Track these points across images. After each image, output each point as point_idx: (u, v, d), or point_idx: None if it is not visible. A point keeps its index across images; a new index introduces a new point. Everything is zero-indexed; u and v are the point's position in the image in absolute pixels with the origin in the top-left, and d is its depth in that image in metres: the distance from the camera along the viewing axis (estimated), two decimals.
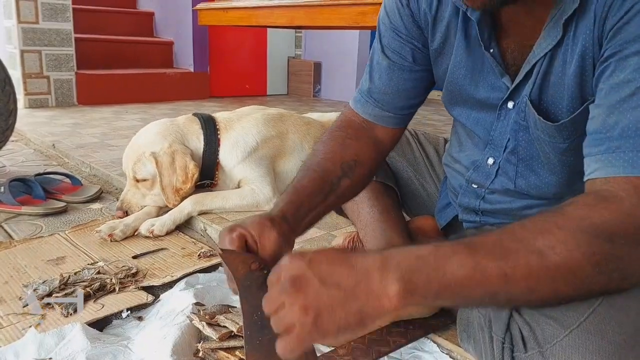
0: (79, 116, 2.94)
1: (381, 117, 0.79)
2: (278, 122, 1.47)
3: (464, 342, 0.69)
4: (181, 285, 0.99)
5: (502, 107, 0.68)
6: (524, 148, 0.69)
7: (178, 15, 3.95)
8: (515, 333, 0.58)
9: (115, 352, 0.79)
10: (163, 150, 1.31)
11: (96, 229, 1.24)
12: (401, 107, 0.79)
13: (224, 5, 2.18)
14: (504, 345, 0.58)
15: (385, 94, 0.78)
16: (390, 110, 0.79)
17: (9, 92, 1.68)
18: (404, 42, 0.75)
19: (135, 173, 1.34)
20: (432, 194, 1.00)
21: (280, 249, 0.63)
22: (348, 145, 0.77)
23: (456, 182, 0.83)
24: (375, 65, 0.79)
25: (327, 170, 0.75)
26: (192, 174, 1.30)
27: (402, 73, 0.76)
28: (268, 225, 0.63)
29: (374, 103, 0.79)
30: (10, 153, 2.11)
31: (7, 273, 1.05)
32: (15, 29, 3.12)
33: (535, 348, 0.56)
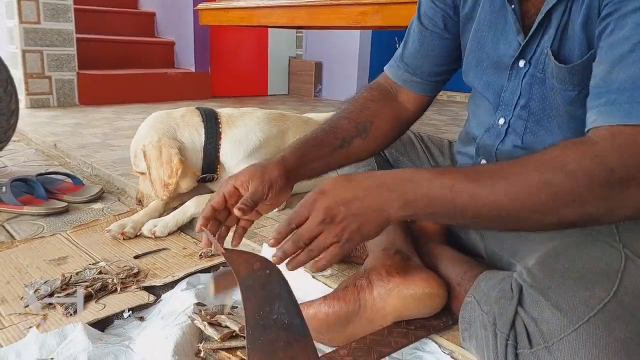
0: (80, 116, 2.94)
1: (409, 81, 0.86)
2: (279, 121, 1.46)
3: (466, 341, 0.69)
4: (182, 285, 0.99)
5: (513, 67, 0.72)
6: (537, 102, 0.71)
7: (179, 15, 3.95)
8: (520, 329, 0.58)
9: (117, 353, 0.79)
10: (152, 143, 1.30)
11: (106, 229, 1.25)
12: (428, 73, 0.85)
13: (224, 5, 2.18)
14: (508, 342, 0.59)
15: (415, 58, 0.85)
16: (418, 75, 0.85)
17: (11, 92, 1.68)
18: (437, 8, 0.81)
19: (136, 166, 1.36)
20: None
21: (271, 191, 0.71)
22: (368, 107, 0.84)
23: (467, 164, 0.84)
24: (411, 32, 0.86)
25: (340, 126, 0.82)
26: (176, 169, 1.27)
27: (432, 39, 0.83)
28: (258, 172, 0.71)
29: (404, 67, 0.86)
30: (12, 153, 2.11)
31: (9, 273, 1.05)
32: (17, 29, 3.13)
33: (541, 343, 0.56)
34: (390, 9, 1.42)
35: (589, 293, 0.56)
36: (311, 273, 0.99)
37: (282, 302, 0.70)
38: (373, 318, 0.76)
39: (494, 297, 0.64)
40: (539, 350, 0.56)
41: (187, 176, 1.36)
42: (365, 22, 1.52)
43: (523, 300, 0.60)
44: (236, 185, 0.72)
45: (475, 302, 0.67)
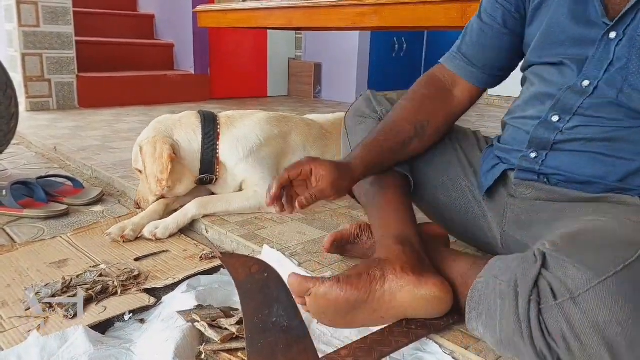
0: (80, 119, 2.95)
1: (465, 70, 0.91)
2: (281, 122, 1.47)
3: (472, 322, 0.70)
4: (183, 287, 0.99)
5: (602, 40, 0.74)
6: (635, 62, 0.72)
7: (178, 17, 3.95)
8: (543, 287, 0.60)
9: (118, 355, 0.79)
10: (148, 140, 1.32)
11: (106, 232, 1.25)
12: (483, 65, 0.90)
13: (223, 7, 2.18)
14: (531, 298, 0.60)
15: (473, 49, 0.90)
16: (474, 65, 0.90)
17: (11, 95, 1.69)
18: (498, 5, 0.87)
19: (135, 163, 1.38)
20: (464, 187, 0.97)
21: (335, 196, 0.82)
22: (426, 106, 0.91)
23: (522, 130, 0.85)
24: (469, 28, 0.92)
25: (401, 129, 0.90)
26: (166, 164, 1.28)
27: (491, 33, 0.88)
28: (333, 175, 0.82)
29: (461, 57, 0.91)
30: (12, 156, 2.12)
31: (10, 276, 1.05)
32: (16, 32, 3.13)
33: (566, 295, 0.58)
34: (388, 9, 1.42)
35: (614, 255, 0.58)
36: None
37: (281, 305, 0.70)
38: (378, 309, 0.76)
39: (515, 266, 0.64)
40: (564, 301, 0.58)
41: (185, 177, 1.36)
42: (363, 23, 1.52)
43: (547, 263, 0.61)
44: (312, 172, 0.82)
45: (490, 277, 0.67)
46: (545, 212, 0.81)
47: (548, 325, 0.59)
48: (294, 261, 1.05)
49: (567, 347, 0.57)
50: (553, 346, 0.58)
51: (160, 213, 1.34)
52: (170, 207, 1.39)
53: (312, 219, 1.32)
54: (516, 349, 0.63)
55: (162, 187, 1.29)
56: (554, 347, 0.58)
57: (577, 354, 0.57)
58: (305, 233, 1.21)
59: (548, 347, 0.59)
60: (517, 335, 0.61)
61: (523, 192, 0.84)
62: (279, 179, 0.81)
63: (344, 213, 1.38)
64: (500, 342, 0.65)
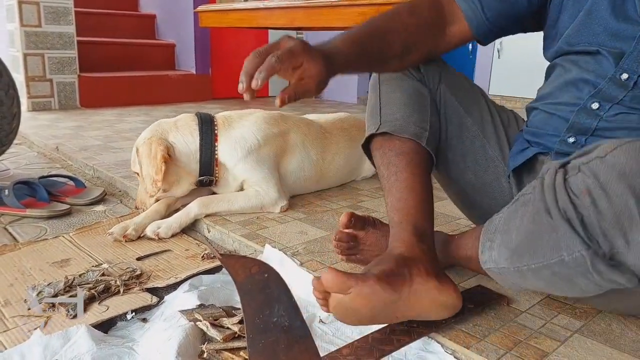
0: (81, 119, 2.95)
1: (475, 13, 0.86)
2: (279, 121, 1.47)
3: (486, 252, 0.71)
4: (185, 286, 1.00)
5: (637, 40, 0.74)
6: None
7: (179, 17, 3.96)
8: (571, 164, 0.62)
9: (120, 354, 0.79)
10: (144, 141, 1.33)
11: (108, 232, 1.25)
12: (495, 16, 0.86)
13: (224, 7, 2.19)
14: (558, 170, 0.62)
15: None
16: (485, 12, 0.86)
17: (13, 95, 1.69)
18: None
19: (133, 165, 1.38)
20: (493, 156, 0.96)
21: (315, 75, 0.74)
22: (422, 28, 0.86)
23: (556, 115, 0.84)
24: None
25: (388, 41, 0.84)
26: (160, 165, 1.29)
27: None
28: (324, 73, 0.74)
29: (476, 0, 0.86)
30: (14, 156, 2.12)
31: (12, 275, 1.06)
32: (18, 32, 3.14)
33: (592, 158, 0.60)
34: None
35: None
36: (314, 274, 1.00)
37: (282, 305, 0.70)
38: (399, 309, 0.74)
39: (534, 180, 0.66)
40: (591, 161, 0.59)
41: (182, 179, 1.37)
42: None
43: (578, 155, 0.63)
44: (303, 65, 0.73)
45: (515, 202, 0.69)
46: None
47: (573, 186, 0.60)
48: (296, 261, 1.05)
49: (592, 201, 0.58)
50: (578, 204, 0.59)
51: (162, 213, 1.35)
52: (172, 207, 1.39)
53: (314, 219, 1.32)
54: (534, 245, 0.64)
55: (157, 187, 1.30)
56: (579, 206, 0.59)
57: (601, 205, 0.58)
58: (306, 233, 1.22)
59: (573, 206, 0.59)
60: (540, 220, 0.62)
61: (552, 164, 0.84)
62: (269, 68, 0.71)
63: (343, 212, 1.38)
64: (516, 249, 0.66)
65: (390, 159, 0.87)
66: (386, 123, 0.89)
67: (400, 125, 0.88)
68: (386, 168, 0.88)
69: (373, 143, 0.93)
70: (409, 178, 0.85)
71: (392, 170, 0.86)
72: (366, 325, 0.79)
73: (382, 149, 0.89)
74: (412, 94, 0.91)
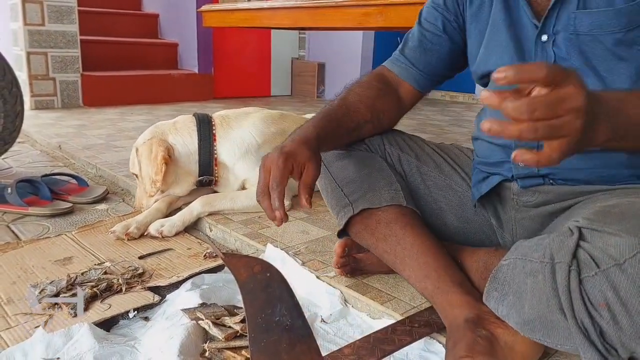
0: (84, 117, 2.96)
1: (408, 72, 0.93)
2: (278, 120, 1.47)
3: (492, 301, 0.67)
4: (187, 285, 1.00)
5: (537, 43, 0.76)
6: (576, 58, 0.73)
7: (182, 17, 3.96)
8: (583, 257, 0.58)
9: (123, 352, 0.79)
10: (144, 142, 1.34)
11: (110, 230, 1.25)
12: (424, 68, 0.93)
13: (228, 7, 2.19)
14: (571, 268, 0.58)
15: (415, 52, 0.93)
16: (417, 67, 0.93)
17: (16, 94, 1.69)
18: (438, 13, 0.91)
19: (132, 166, 1.39)
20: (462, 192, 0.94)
21: (309, 163, 0.76)
22: (382, 98, 0.92)
23: (497, 144, 0.84)
24: (410, 34, 0.95)
25: (358, 110, 0.89)
26: (160, 166, 1.30)
27: (431, 37, 0.91)
28: (306, 149, 0.77)
29: (404, 60, 0.94)
30: (17, 154, 2.13)
31: (15, 273, 1.06)
32: (21, 31, 3.14)
33: (610, 262, 0.56)
34: (393, 10, 1.42)
35: None
36: (315, 274, 1.00)
37: (284, 304, 0.70)
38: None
39: (548, 242, 0.62)
40: (609, 268, 0.56)
41: (182, 179, 1.37)
42: (368, 23, 1.52)
43: (584, 236, 0.59)
44: (295, 168, 0.76)
45: (518, 258, 0.65)
46: (559, 213, 0.79)
47: (590, 296, 0.56)
48: (298, 260, 1.05)
49: (611, 316, 0.55)
50: (596, 317, 0.56)
51: (163, 211, 1.35)
52: (173, 206, 1.39)
53: (315, 218, 1.32)
54: (548, 328, 0.60)
55: (156, 188, 1.31)
56: (597, 318, 0.56)
57: (622, 321, 0.55)
58: (308, 232, 1.22)
59: (590, 318, 0.57)
60: (553, 311, 0.59)
61: (528, 200, 0.82)
62: (279, 195, 0.73)
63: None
64: (529, 322, 0.62)
65: (383, 233, 0.85)
66: (358, 201, 0.87)
67: (373, 197, 0.86)
68: (384, 243, 0.85)
69: (351, 226, 0.89)
70: (415, 242, 0.82)
71: (392, 242, 0.83)
72: None
73: (368, 227, 0.86)
74: (366, 164, 0.90)
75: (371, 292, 0.92)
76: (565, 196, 0.78)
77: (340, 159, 0.92)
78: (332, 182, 0.92)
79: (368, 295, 0.91)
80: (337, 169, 0.92)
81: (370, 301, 0.89)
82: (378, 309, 0.88)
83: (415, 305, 0.87)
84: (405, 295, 0.91)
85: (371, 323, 0.88)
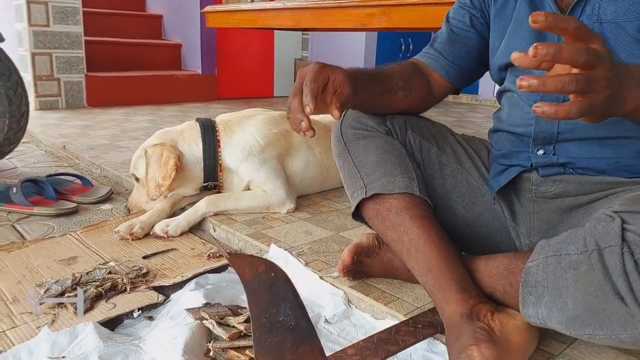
0: (89, 118, 2.97)
1: (438, 62, 0.96)
2: (280, 121, 1.48)
3: (530, 307, 0.66)
4: (191, 285, 1.00)
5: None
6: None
7: (186, 18, 3.97)
8: (632, 238, 0.58)
9: (127, 352, 0.80)
10: (155, 146, 1.34)
11: (114, 230, 1.26)
12: (454, 58, 0.95)
13: (231, 7, 2.19)
14: (624, 250, 0.57)
15: (444, 45, 0.96)
16: (446, 57, 0.95)
17: (21, 94, 1.70)
18: (465, 11, 0.95)
19: (132, 172, 1.38)
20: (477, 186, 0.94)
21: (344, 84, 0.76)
22: (414, 75, 0.94)
23: (516, 133, 0.86)
24: (438, 33, 0.98)
25: (393, 77, 0.91)
26: (170, 171, 1.31)
27: (460, 32, 0.95)
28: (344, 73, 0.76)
29: (433, 51, 0.97)
30: (22, 154, 2.14)
31: (20, 273, 1.07)
32: (26, 31, 3.16)
33: None
34: (396, 11, 1.42)
35: None
36: (319, 274, 1.00)
37: (288, 304, 0.70)
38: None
39: (584, 233, 0.62)
40: None
41: (185, 185, 1.39)
42: (371, 24, 1.53)
43: (625, 220, 0.59)
44: (330, 78, 0.74)
45: (549, 256, 0.64)
46: (578, 207, 0.79)
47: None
48: (301, 260, 1.05)
49: None
50: None
51: (167, 212, 1.36)
52: (177, 206, 1.40)
53: (319, 219, 1.33)
54: (600, 319, 0.59)
55: (160, 192, 1.32)
56: None
57: None
58: (311, 233, 1.22)
59: None
60: (607, 299, 0.58)
61: (547, 190, 0.83)
62: (310, 92, 0.70)
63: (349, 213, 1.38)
64: (575, 318, 0.61)
65: (393, 221, 0.84)
66: (372, 185, 0.86)
67: (388, 183, 0.85)
68: (392, 231, 0.84)
69: (364, 209, 0.89)
70: (422, 234, 0.81)
71: (401, 231, 0.83)
72: None
73: (379, 214, 0.86)
74: (386, 149, 0.89)
75: (374, 292, 0.92)
76: (585, 187, 0.79)
77: (361, 139, 0.91)
78: (350, 162, 0.91)
79: (371, 296, 0.91)
80: (357, 150, 0.91)
81: (374, 302, 0.89)
82: (381, 309, 0.88)
83: (419, 306, 0.87)
84: (408, 296, 0.91)
85: (374, 324, 0.88)
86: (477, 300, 0.73)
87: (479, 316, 0.71)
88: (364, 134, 0.91)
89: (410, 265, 0.83)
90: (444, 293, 0.76)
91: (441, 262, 0.78)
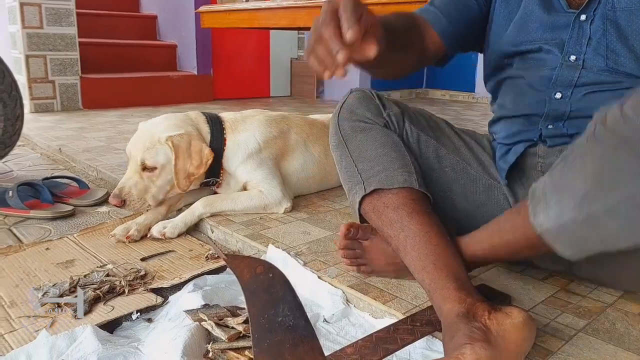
0: (84, 120, 2.96)
1: (435, 16, 0.92)
2: (280, 122, 1.48)
3: (539, 214, 0.66)
4: (190, 287, 1.00)
5: (574, 23, 0.81)
6: (613, 34, 0.78)
7: (181, 18, 3.96)
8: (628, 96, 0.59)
9: (126, 354, 0.80)
10: (181, 135, 1.30)
11: (110, 233, 1.25)
12: (450, 17, 0.92)
13: (226, 7, 2.19)
14: (620, 105, 0.58)
15: (445, 4, 0.93)
16: (444, 14, 0.92)
17: (16, 97, 1.70)
18: None
19: (146, 160, 1.28)
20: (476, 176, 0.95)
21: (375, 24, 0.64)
22: (416, 31, 0.91)
23: (521, 117, 0.88)
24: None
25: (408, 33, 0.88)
26: (206, 159, 1.31)
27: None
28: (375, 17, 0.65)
29: (433, 9, 0.93)
30: (18, 157, 2.13)
31: (18, 276, 1.06)
32: (19, 34, 3.14)
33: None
34: (392, 9, 1.42)
35: None
36: (317, 274, 1.00)
37: (287, 305, 0.71)
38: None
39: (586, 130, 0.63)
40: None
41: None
42: None
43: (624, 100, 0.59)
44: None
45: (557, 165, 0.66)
46: None
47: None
48: (299, 261, 1.05)
49: None
50: None
51: (163, 214, 1.35)
52: (173, 207, 1.40)
53: (317, 219, 1.33)
54: (610, 180, 0.58)
55: (189, 182, 1.31)
56: None
57: None
58: (309, 233, 1.22)
59: None
60: (613, 150, 0.57)
61: (555, 161, 0.80)
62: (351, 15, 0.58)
63: (348, 212, 1.38)
64: (586, 193, 0.60)
65: (389, 217, 0.83)
66: (370, 180, 0.86)
67: (386, 177, 0.85)
68: (389, 227, 0.84)
69: (362, 204, 0.88)
70: (418, 231, 0.80)
71: (397, 227, 0.82)
72: None
73: (376, 209, 0.85)
74: (383, 142, 0.88)
75: (373, 291, 0.92)
76: None
77: (359, 132, 0.90)
78: (347, 157, 0.90)
79: (370, 295, 0.91)
80: (354, 144, 0.90)
81: (372, 301, 0.90)
82: (380, 308, 0.88)
83: (417, 305, 0.88)
84: (407, 294, 0.91)
85: (373, 322, 0.88)
86: (475, 299, 0.73)
87: (476, 316, 0.71)
88: (362, 127, 0.90)
89: (407, 262, 0.83)
90: (441, 291, 0.76)
91: (438, 260, 0.78)
